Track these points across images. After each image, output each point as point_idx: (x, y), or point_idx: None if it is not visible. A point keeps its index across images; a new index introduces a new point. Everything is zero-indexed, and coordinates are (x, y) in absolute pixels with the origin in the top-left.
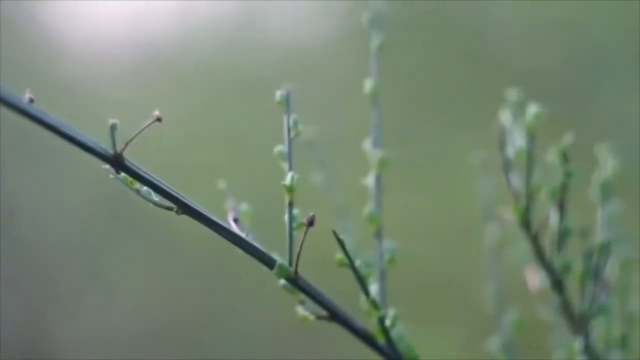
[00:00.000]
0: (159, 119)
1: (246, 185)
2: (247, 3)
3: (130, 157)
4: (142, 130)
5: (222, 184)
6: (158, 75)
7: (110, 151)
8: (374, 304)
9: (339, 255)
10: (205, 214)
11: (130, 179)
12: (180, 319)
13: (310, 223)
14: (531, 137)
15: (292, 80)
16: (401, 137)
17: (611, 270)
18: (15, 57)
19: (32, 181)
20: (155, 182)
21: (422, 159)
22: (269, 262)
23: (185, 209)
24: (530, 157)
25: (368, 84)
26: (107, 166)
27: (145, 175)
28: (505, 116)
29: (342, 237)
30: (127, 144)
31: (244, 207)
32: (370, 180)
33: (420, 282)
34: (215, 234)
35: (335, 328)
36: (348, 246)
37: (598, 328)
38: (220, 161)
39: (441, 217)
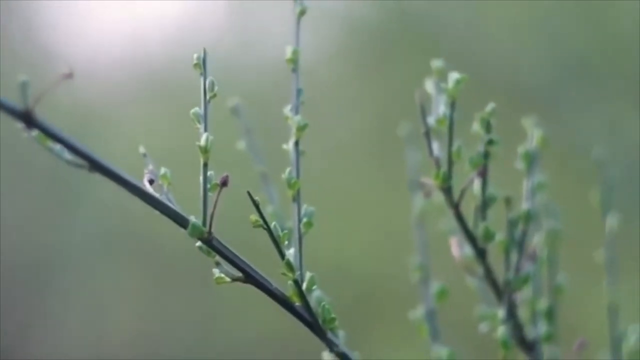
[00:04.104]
0: (69, 76)
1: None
2: (246, 23)
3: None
4: (53, 85)
5: (141, 149)
6: (157, 94)
7: (21, 108)
8: (289, 266)
9: (254, 216)
10: (117, 172)
11: (42, 136)
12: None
13: (224, 183)
14: (452, 104)
15: (287, 96)
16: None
17: (538, 240)
18: (16, 77)
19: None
20: (67, 139)
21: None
22: (182, 222)
23: (95, 166)
24: (451, 124)
25: (289, 50)
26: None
27: (57, 132)
28: (429, 85)
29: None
30: (37, 99)
31: (163, 170)
32: (290, 146)
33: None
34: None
35: None
36: (271, 211)
37: (525, 299)
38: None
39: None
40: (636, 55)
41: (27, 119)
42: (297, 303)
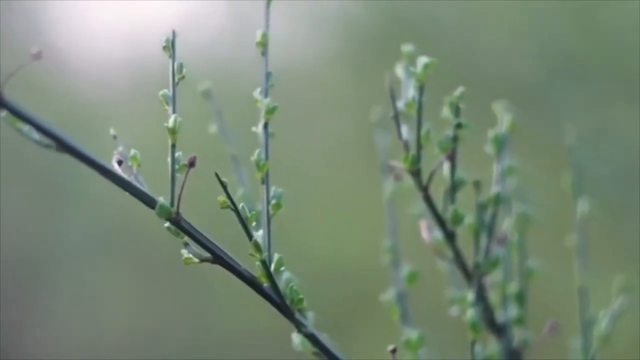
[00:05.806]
0: (38, 56)
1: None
2: (244, 25)
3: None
4: (23, 66)
5: (112, 131)
6: (156, 93)
7: None
8: (257, 247)
9: (222, 197)
10: (84, 152)
11: (11, 117)
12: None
13: (192, 164)
14: (421, 87)
15: (285, 99)
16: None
17: (509, 224)
18: (15, 76)
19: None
20: (34, 119)
21: None
22: (150, 203)
23: (63, 146)
24: (420, 108)
25: (258, 34)
26: None
27: (25, 113)
28: (400, 70)
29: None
30: (6, 79)
31: (133, 152)
32: (259, 128)
33: None
34: None
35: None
36: (241, 193)
37: (495, 282)
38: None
39: None
40: (632, 55)
41: None
42: (266, 284)
